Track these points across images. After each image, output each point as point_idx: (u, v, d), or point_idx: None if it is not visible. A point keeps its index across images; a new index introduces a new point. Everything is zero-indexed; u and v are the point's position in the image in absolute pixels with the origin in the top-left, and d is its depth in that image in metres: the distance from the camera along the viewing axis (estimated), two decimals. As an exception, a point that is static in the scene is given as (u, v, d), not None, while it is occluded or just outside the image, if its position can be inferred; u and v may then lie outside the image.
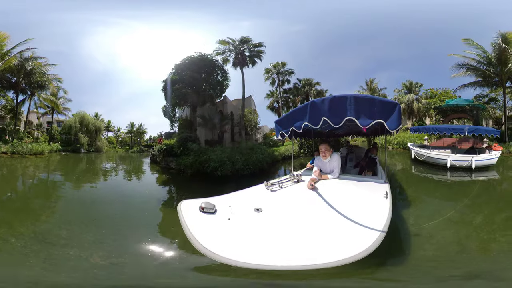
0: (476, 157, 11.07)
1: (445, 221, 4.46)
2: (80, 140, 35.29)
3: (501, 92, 22.07)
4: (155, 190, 9.30)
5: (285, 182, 3.60)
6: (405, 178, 9.84)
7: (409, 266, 2.86)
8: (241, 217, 2.41)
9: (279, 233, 2.18)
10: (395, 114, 3.06)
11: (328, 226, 2.31)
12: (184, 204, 2.49)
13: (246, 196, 3.03)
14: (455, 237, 3.85)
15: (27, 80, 26.04)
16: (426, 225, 4.20)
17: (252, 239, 2.08)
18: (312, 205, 2.83)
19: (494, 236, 3.86)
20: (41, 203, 6.98)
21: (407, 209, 5.21)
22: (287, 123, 4.15)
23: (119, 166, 20.62)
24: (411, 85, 33.41)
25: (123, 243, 3.84)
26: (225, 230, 2.19)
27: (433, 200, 6.72)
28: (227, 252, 1.84)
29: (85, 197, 7.88)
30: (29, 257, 3.26)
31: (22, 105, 30.97)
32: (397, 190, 7.23)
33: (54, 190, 9.28)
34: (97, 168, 18.55)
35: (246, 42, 20.86)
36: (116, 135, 49.29)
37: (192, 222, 2.19)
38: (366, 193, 3.26)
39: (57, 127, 38.50)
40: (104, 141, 40.08)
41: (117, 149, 42.56)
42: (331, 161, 3.88)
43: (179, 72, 19.47)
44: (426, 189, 8.16)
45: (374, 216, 2.36)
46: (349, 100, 3.23)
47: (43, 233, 4.16)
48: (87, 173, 15.07)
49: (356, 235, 2.09)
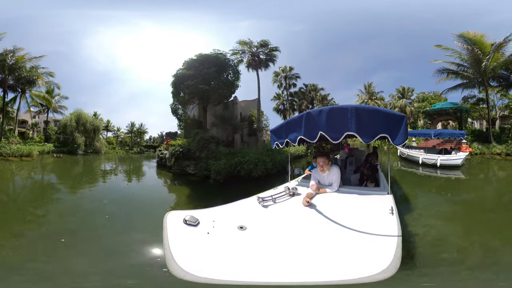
0: (442, 157, 13.27)
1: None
2: (76, 140, 32.52)
3: (491, 92, 22.66)
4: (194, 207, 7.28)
5: (279, 196, 3.22)
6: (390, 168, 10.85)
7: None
8: (221, 233, 2.19)
9: (260, 250, 1.97)
10: (402, 128, 2.82)
11: (326, 243, 2.08)
12: (170, 216, 2.33)
13: (234, 211, 2.81)
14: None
15: (14, 76, 23.97)
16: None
17: (227, 254, 1.91)
18: (307, 221, 2.56)
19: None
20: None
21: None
22: (282, 134, 4.03)
23: (121, 171, 18.35)
24: (404, 90, 36.34)
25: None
26: (201, 244, 2.02)
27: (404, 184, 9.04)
28: (193, 266, 1.74)
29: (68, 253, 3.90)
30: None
31: (14, 103, 28.66)
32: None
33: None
34: (93, 177, 14.18)
35: (265, 46, 21.00)
36: (115, 135, 46.83)
37: (173, 234, 2.08)
38: (368, 209, 2.92)
39: (53, 127, 35.94)
40: (103, 142, 37.26)
41: (117, 150, 40.10)
42: (330, 174, 3.59)
43: (193, 67, 18.17)
44: (401, 175, 11.11)
45: (379, 236, 2.10)
46: (350, 112, 2.89)
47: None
48: (76, 187, 10.47)
49: (363, 258, 1.85)
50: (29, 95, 28.95)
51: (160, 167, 17.67)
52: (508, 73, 20.04)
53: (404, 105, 33.71)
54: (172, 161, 15.32)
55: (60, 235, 4.45)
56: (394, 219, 2.43)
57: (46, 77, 28.68)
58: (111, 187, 10.78)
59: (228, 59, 19.38)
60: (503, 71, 20.09)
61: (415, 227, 4.66)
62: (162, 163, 17.92)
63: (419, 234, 4.31)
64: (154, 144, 45.74)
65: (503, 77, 20.68)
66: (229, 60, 19.53)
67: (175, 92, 19.91)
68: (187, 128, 22.11)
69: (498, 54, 18.63)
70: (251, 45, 21.08)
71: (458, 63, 20.98)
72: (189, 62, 18.92)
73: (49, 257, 3.70)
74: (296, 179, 4.52)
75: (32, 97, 29.50)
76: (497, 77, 20.63)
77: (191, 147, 14.20)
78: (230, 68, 19.69)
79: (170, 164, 15.57)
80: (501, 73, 20.30)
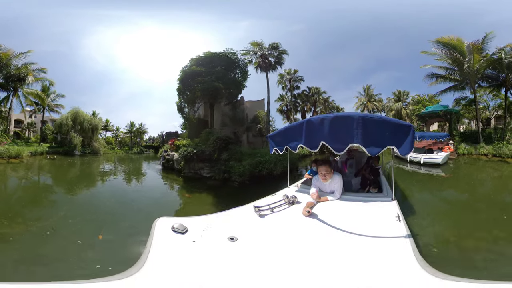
0: (425, 156, 15.49)
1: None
2: (73, 141, 30.73)
3: (484, 93, 23.64)
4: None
5: (277, 205, 2.94)
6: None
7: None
8: (208, 243, 2.02)
9: (251, 265, 1.77)
10: (409, 138, 2.68)
11: (335, 255, 1.90)
12: (160, 222, 2.21)
13: (227, 220, 2.59)
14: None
15: (2, 74, 22.99)
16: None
17: (209, 267, 1.71)
18: (310, 231, 2.35)
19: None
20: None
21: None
22: (281, 140, 3.95)
23: (123, 176, 16.99)
24: (400, 94, 37.75)
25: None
26: (184, 254, 1.86)
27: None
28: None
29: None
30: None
31: (7, 102, 27.07)
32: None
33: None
34: (87, 184, 11.94)
35: (275, 48, 21.70)
36: (115, 135, 45.17)
37: (156, 241, 1.94)
38: (374, 217, 2.75)
39: (50, 126, 34.28)
40: (102, 142, 35.60)
41: (116, 150, 38.62)
42: (332, 182, 3.38)
43: (203, 64, 17.59)
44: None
45: (391, 240, 2.05)
46: (356, 122, 2.72)
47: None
48: (60, 202, 7.97)
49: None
50: (22, 94, 27.39)
51: (166, 170, 16.35)
52: (496, 72, 20.23)
53: (400, 108, 35.29)
54: (182, 163, 14.13)
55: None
56: (402, 226, 2.34)
57: (38, 73, 27.29)
58: (109, 199, 8.34)
59: (238, 58, 19.17)
60: (492, 71, 20.29)
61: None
62: (169, 165, 16.56)
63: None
64: (154, 144, 44.52)
65: (492, 77, 20.80)
66: (239, 59, 19.33)
67: (182, 88, 18.76)
68: (192, 127, 21.11)
69: (477, 55, 18.95)
70: (262, 46, 21.75)
71: (446, 67, 21.47)
72: (198, 59, 18.30)
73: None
74: (295, 184, 4.34)
75: (25, 96, 27.93)
76: (486, 77, 20.84)
77: (205, 148, 13.01)
78: (238, 68, 19.31)
79: (179, 167, 14.37)
80: (490, 73, 20.56)
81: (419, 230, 4.55)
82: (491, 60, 18.88)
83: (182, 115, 20.77)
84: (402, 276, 1.56)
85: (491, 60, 18.85)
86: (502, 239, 4.36)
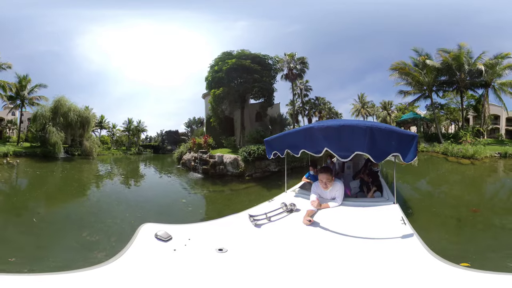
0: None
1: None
2: (50, 138, 23.12)
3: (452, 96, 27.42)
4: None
5: (275, 213, 2.78)
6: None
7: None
8: (191, 254, 1.86)
9: (240, 280, 1.58)
10: (413, 146, 2.80)
11: (344, 264, 1.77)
12: (144, 228, 2.06)
13: (218, 229, 2.42)
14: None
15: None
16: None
17: (188, 280, 1.53)
18: (313, 240, 2.22)
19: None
20: None
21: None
22: (279, 145, 4.01)
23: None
24: (385, 103, 43.69)
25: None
26: (161, 263, 1.69)
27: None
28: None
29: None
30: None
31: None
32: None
33: None
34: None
35: (303, 63, 24.94)
36: (111, 134, 40.20)
37: (134, 248, 1.78)
38: (378, 221, 2.72)
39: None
40: (95, 141, 29.70)
41: (112, 151, 34.12)
42: (333, 189, 3.30)
43: (242, 61, 17.23)
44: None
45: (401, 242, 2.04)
46: (364, 131, 2.78)
47: None
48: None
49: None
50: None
51: (212, 179, 12.65)
52: (445, 78, 23.23)
53: (385, 115, 41.65)
54: (242, 166, 12.27)
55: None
56: (408, 228, 2.30)
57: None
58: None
59: (271, 64, 19.80)
60: (442, 77, 23.32)
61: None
62: (217, 171, 13.28)
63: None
64: (152, 143, 40.95)
65: (447, 82, 23.67)
66: (272, 66, 19.99)
67: (211, 81, 18.13)
68: (221, 124, 19.72)
69: (428, 68, 21.81)
70: (294, 57, 24.57)
71: (409, 82, 24.52)
72: (241, 54, 17.78)
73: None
74: (292, 189, 4.20)
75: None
76: (442, 83, 23.85)
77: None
78: (268, 73, 19.76)
79: (238, 171, 12.44)
80: (442, 80, 23.49)
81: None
82: (432, 67, 21.64)
83: (212, 112, 19.31)
84: (424, 270, 1.55)
85: (432, 67, 21.59)
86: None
